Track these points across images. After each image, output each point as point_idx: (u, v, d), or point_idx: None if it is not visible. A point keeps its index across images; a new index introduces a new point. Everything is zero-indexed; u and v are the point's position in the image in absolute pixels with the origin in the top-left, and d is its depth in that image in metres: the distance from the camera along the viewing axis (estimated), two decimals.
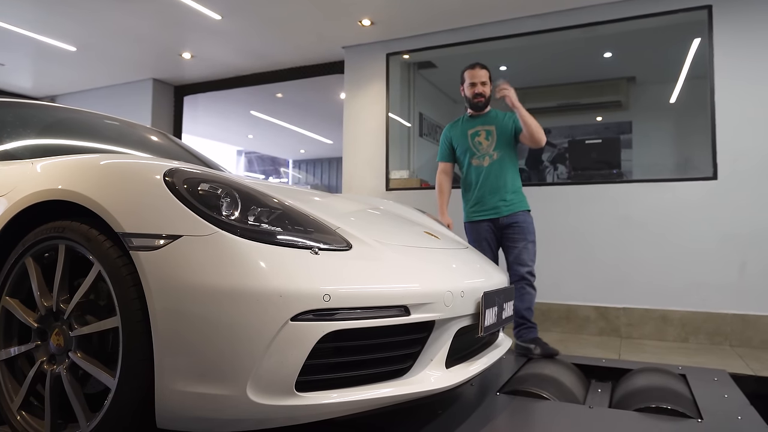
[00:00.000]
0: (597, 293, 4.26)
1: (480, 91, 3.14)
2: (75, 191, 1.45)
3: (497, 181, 3.08)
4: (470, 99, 3.17)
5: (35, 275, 1.55)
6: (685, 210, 4.05)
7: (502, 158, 3.10)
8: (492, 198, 3.07)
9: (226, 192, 1.42)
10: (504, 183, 3.07)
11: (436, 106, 6.36)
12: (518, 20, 4.71)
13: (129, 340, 1.31)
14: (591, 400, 2.30)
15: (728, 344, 3.83)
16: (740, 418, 1.92)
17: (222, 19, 4.86)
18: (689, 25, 4.41)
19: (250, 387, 1.23)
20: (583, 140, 6.12)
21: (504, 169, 3.09)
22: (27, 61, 6.16)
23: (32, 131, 2.27)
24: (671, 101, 5.78)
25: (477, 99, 3.15)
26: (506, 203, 3.06)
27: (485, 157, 3.11)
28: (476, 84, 3.14)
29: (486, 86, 3.15)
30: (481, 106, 3.18)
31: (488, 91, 3.16)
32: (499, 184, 3.07)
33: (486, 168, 3.10)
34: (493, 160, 3.10)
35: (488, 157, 3.11)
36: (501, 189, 3.07)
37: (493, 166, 3.09)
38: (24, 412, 1.53)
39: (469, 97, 3.18)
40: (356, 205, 2.23)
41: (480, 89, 3.14)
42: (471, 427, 1.74)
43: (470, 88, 3.16)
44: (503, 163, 3.10)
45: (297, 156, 14.14)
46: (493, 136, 3.12)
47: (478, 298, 1.69)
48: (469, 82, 3.17)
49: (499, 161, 3.09)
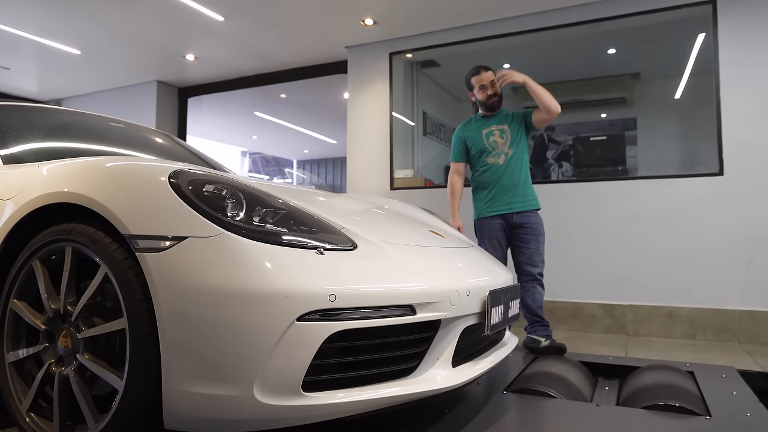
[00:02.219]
0: (603, 290, 4.24)
1: (492, 91, 3.19)
2: (81, 194, 1.46)
3: (512, 179, 3.12)
4: (485, 102, 3.21)
5: (42, 278, 1.56)
6: (690, 206, 4.02)
7: (517, 156, 3.14)
8: (507, 195, 3.11)
9: (231, 193, 1.42)
10: (518, 180, 3.12)
11: (439, 105, 6.35)
12: (522, 17, 4.70)
13: (136, 342, 1.31)
14: (598, 398, 2.29)
15: (736, 341, 3.80)
16: (749, 415, 1.91)
17: (225, 20, 4.87)
18: (694, 21, 4.39)
19: (257, 387, 1.23)
20: (588, 137, 6.11)
21: (519, 166, 3.14)
22: (32, 64, 6.20)
23: (38, 134, 2.28)
24: (676, 97, 5.75)
25: (492, 100, 3.19)
26: (521, 199, 3.10)
27: (501, 155, 3.15)
28: (486, 86, 3.19)
29: (495, 86, 3.20)
30: (496, 106, 3.22)
31: (499, 89, 3.21)
32: (514, 181, 3.12)
33: (502, 166, 3.14)
34: (508, 158, 3.14)
35: (504, 155, 3.14)
36: (516, 185, 3.11)
37: (509, 164, 3.13)
38: (33, 414, 1.54)
39: (483, 101, 3.21)
40: (361, 204, 2.23)
41: (491, 90, 3.19)
42: (478, 425, 1.74)
43: (481, 91, 3.20)
44: (518, 160, 3.14)
45: (301, 156, 14.15)
46: (507, 135, 3.16)
47: (484, 296, 1.69)
48: (478, 86, 3.21)
49: (514, 159, 3.13)
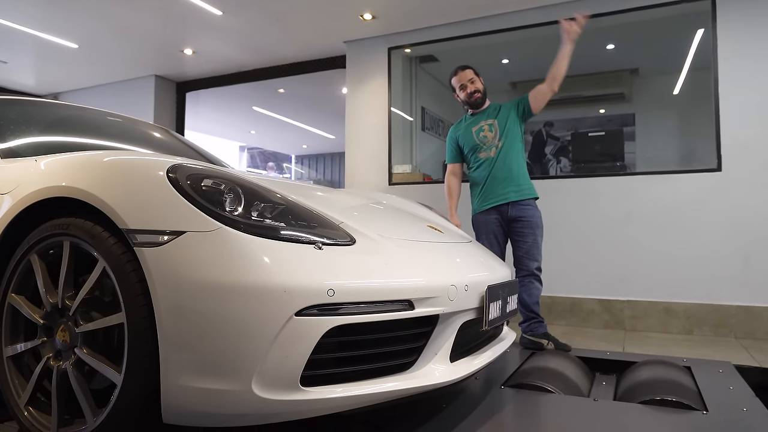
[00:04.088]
0: (601, 286, 4.25)
1: (474, 89, 3.19)
2: (79, 188, 1.45)
3: (504, 169, 3.11)
4: (468, 100, 3.22)
5: (40, 272, 1.56)
6: (689, 202, 4.03)
7: (508, 147, 3.13)
8: (500, 185, 3.11)
9: (229, 188, 1.42)
10: (511, 170, 3.11)
11: (438, 100, 6.34)
12: (520, 13, 4.69)
13: (134, 336, 1.31)
14: (596, 393, 2.29)
15: (733, 336, 3.82)
16: (745, 409, 1.92)
17: (223, 14, 4.85)
18: (693, 16, 4.38)
19: (256, 382, 1.24)
20: (586, 132, 6.12)
21: (511, 157, 3.13)
22: (30, 58, 6.17)
23: (35, 128, 2.27)
24: (675, 93, 5.74)
25: (474, 97, 3.19)
26: (515, 189, 3.09)
27: (492, 149, 3.15)
28: (466, 85, 3.20)
29: (476, 83, 3.19)
30: (479, 102, 3.22)
31: (481, 86, 3.21)
32: (506, 171, 3.11)
33: (494, 158, 3.14)
34: (499, 149, 3.13)
35: (495, 148, 3.14)
36: (509, 176, 3.11)
37: (500, 156, 3.13)
38: (31, 408, 1.54)
39: (465, 99, 3.23)
40: (359, 199, 2.22)
41: (472, 87, 3.19)
42: (475, 420, 1.74)
43: (462, 90, 3.22)
44: (510, 151, 3.13)
45: (299, 151, 14.13)
46: (496, 128, 3.16)
47: (482, 291, 1.69)
48: (459, 85, 3.22)
49: (506, 150, 3.13)
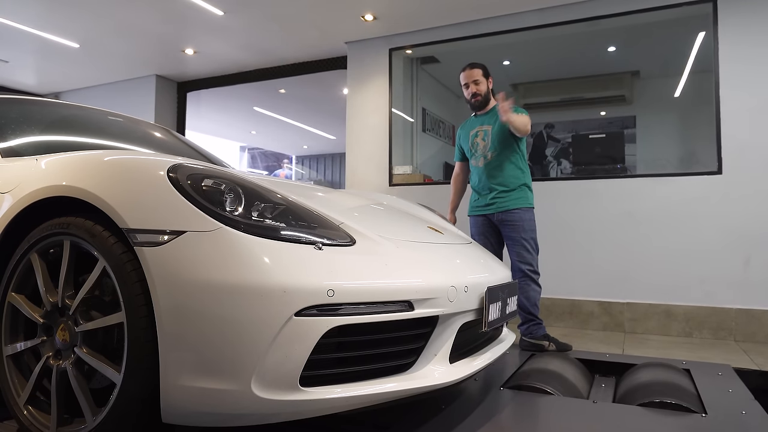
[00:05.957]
0: (601, 288, 4.25)
1: (473, 90, 3.13)
2: (79, 187, 1.45)
3: (489, 183, 3.09)
4: (468, 101, 3.21)
5: (40, 271, 1.56)
6: (689, 204, 4.03)
7: (498, 158, 3.08)
8: (486, 196, 3.12)
9: (229, 188, 1.42)
10: (497, 183, 3.07)
11: (439, 102, 6.35)
12: (521, 14, 4.69)
13: (134, 336, 1.31)
14: (595, 394, 2.29)
15: (732, 339, 3.82)
16: (744, 412, 1.92)
17: (224, 14, 4.86)
18: (694, 19, 4.39)
19: (255, 382, 1.24)
20: (587, 135, 6.12)
21: (498, 168, 3.08)
22: (31, 58, 6.17)
23: (36, 128, 2.27)
24: (676, 95, 5.75)
25: (474, 99, 3.17)
26: (499, 201, 3.07)
27: (480, 159, 3.14)
28: (469, 84, 3.15)
29: (480, 84, 3.12)
30: (479, 105, 3.18)
31: (483, 88, 3.14)
32: (491, 183, 3.09)
33: (481, 168, 3.13)
34: (487, 161, 3.11)
35: (483, 158, 3.13)
36: (494, 188, 3.08)
37: (486, 167, 3.11)
38: (31, 407, 1.54)
39: (467, 99, 3.21)
40: (359, 200, 2.23)
41: (473, 89, 3.13)
42: (474, 421, 1.74)
43: (465, 90, 3.18)
44: (498, 163, 3.08)
45: (300, 152, 14.13)
46: (489, 137, 3.11)
47: (482, 293, 1.69)
48: (463, 83, 3.18)
49: (494, 162, 3.09)
